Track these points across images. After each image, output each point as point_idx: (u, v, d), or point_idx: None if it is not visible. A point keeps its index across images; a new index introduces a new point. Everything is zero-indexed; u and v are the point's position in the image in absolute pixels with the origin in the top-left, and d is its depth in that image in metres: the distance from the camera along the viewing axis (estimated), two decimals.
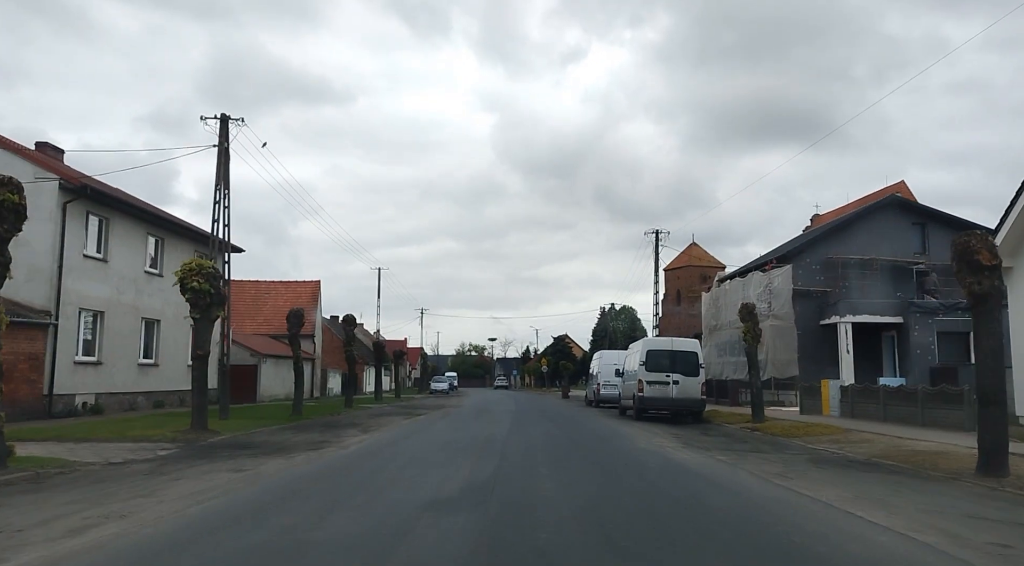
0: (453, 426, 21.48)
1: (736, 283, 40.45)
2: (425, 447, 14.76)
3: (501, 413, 29.70)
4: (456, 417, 26.80)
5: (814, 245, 36.76)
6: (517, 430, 19.47)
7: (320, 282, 50.08)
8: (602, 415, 28.95)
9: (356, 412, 29.90)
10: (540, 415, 28.50)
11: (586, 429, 20.87)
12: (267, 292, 48.74)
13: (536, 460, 12.05)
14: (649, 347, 24.85)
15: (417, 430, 20.03)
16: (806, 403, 28.00)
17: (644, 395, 24.22)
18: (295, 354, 26.76)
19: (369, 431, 19.41)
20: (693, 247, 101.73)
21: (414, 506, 7.55)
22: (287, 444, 15.57)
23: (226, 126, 22.26)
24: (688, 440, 16.76)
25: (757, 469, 11.42)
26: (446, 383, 69.47)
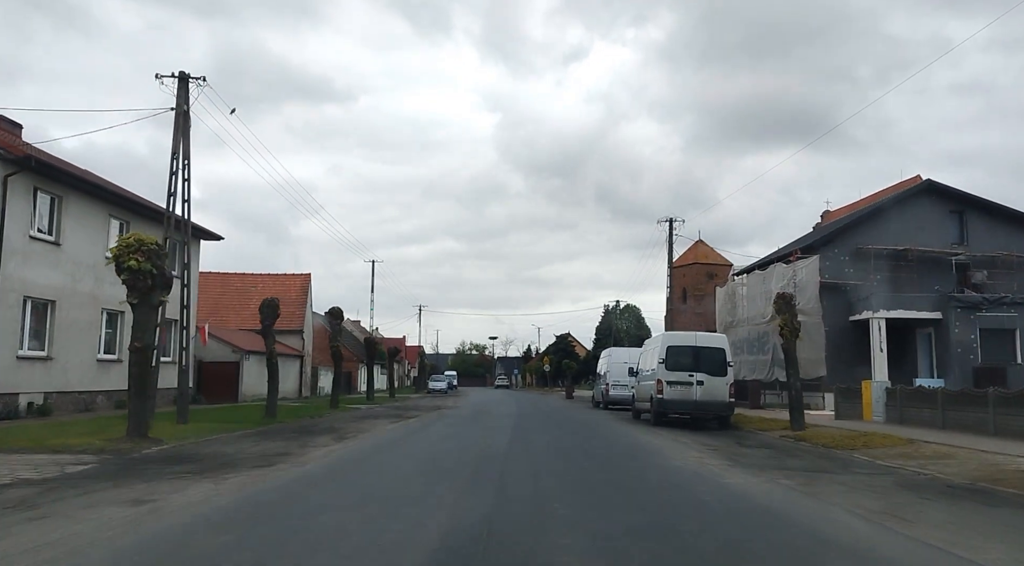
0: (444, 433, 18.39)
1: (755, 277, 37.33)
2: (402, 465, 11.65)
3: (501, 416, 26.62)
4: (450, 421, 23.72)
5: (843, 235, 33.62)
6: (520, 439, 16.36)
7: (310, 275, 47.16)
8: (614, 419, 25.84)
9: (340, 414, 26.81)
10: (545, 419, 25.42)
11: (602, 438, 17.73)
12: (254, 285, 45.64)
13: (548, 492, 8.86)
14: (670, 343, 21.73)
15: (401, 438, 16.92)
16: (842, 407, 24.87)
17: (664, 397, 21.12)
18: (268, 349, 23.80)
19: (345, 439, 16.30)
20: (699, 245, 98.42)
21: None
22: (236, 458, 12.47)
23: (186, 86, 19.18)
24: (730, 455, 13.62)
25: (849, 503, 8.31)
26: (444, 382, 66.25)
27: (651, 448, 14.59)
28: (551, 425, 22.06)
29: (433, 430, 19.42)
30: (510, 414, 28.01)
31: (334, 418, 24.33)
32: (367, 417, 25.15)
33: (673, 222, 34.42)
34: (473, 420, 24.13)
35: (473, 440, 16.15)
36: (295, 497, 8.37)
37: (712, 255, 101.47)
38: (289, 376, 42.50)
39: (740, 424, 21.62)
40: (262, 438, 16.40)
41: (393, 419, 24.18)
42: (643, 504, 8.08)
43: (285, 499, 8.20)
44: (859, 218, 34.64)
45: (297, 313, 44.78)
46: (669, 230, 34.32)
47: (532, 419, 24.97)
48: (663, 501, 8.20)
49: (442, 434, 18.01)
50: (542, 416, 27.19)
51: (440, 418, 25.40)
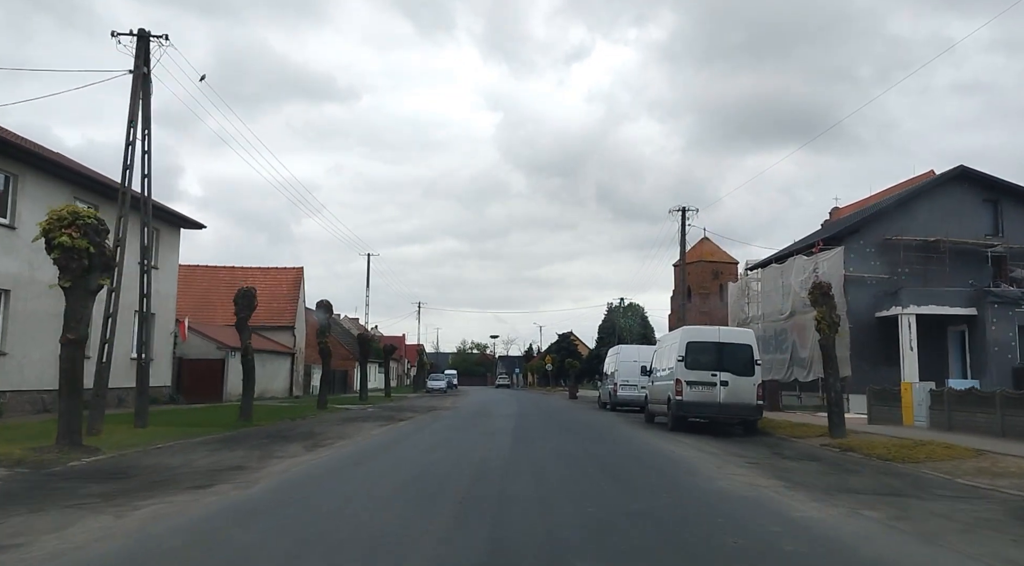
0: (436, 439, 16.00)
1: (772, 271, 34.90)
2: (376, 486, 9.24)
3: (502, 418, 24.27)
4: (445, 424, 21.36)
5: (868, 225, 31.18)
6: (523, 448, 13.97)
7: (302, 269, 44.71)
8: (625, 422, 23.46)
9: (325, 416, 24.43)
10: (549, 421, 23.06)
11: (619, 447, 15.30)
12: (243, 279, 43.21)
13: (564, 534, 6.40)
14: (690, 338, 19.32)
15: (385, 446, 14.53)
16: (877, 410, 22.48)
17: (683, 399, 18.72)
18: (243, 345, 21.45)
19: (319, 447, 13.93)
20: (704, 242, 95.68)
21: None
22: (175, 474, 10.10)
23: (146, 45, 16.77)
24: (777, 471, 11.20)
25: (984, 550, 5.93)
26: (444, 381, 63.77)
27: (681, 462, 12.15)
28: (556, 429, 19.70)
29: (424, 435, 17.04)
30: (511, 415, 25.66)
31: (317, 421, 21.96)
32: (354, 419, 22.79)
33: (686, 212, 32.11)
34: (470, 423, 21.78)
35: (468, 449, 13.77)
36: (207, 541, 5.96)
37: (718, 253, 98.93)
38: (279, 375, 40.19)
39: (770, 429, 19.23)
40: (223, 446, 14.03)
41: (382, 422, 21.82)
42: (703, 558, 5.67)
43: (191, 544, 5.81)
44: (886, 207, 32.19)
45: (288, 308, 42.44)
46: (682, 220, 32.01)
47: (535, 421, 22.62)
48: (734, 552, 5.77)
49: (433, 441, 15.62)
50: (546, 418, 24.83)
51: (434, 420, 23.03)
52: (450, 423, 21.72)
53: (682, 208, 32.43)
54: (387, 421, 22.24)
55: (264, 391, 38.12)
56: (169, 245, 29.40)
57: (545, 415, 27.11)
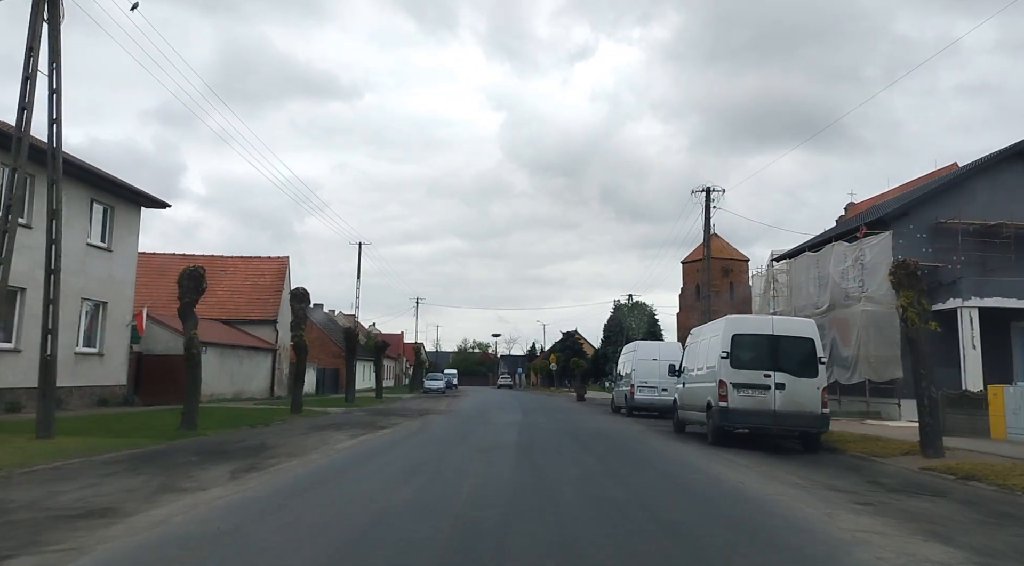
0: (414, 459, 12.13)
1: (805, 260, 31.04)
2: (285, 559, 5.41)
3: (502, 427, 20.46)
4: (433, 435, 17.55)
5: (918, 207, 27.30)
6: (530, 478, 10.10)
7: (288, 258, 40.90)
8: (651, 432, 19.64)
9: (294, 423, 20.60)
10: (560, 431, 19.23)
11: (663, 477, 11.38)
12: (222, 269, 39.52)
13: None
14: (736, 330, 15.44)
15: (340, 471, 10.65)
16: (953, 420, 18.60)
17: (729, 406, 14.88)
18: (187, 335, 17.70)
19: (252, 471, 10.10)
20: (714, 238, 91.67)
21: None
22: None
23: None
24: (931, 527, 7.26)
25: None
26: (442, 381, 59.80)
27: (766, 504, 8.20)
28: (570, 443, 15.85)
29: (400, 452, 13.20)
30: (514, 423, 21.85)
31: (279, 429, 18.14)
32: (326, 427, 18.97)
33: (711, 192, 28.26)
34: (464, 433, 17.97)
35: (453, 477, 9.94)
36: None
37: (727, 249, 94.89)
38: (258, 373, 36.40)
39: (832, 444, 15.39)
40: (127, 468, 10.22)
41: (358, 430, 18.00)
42: None
43: None
44: (938, 188, 28.27)
45: (271, 300, 38.63)
46: (706, 201, 28.09)
47: (542, 432, 18.79)
48: None
49: (409, 462, 11.78)
50: (554, 426, 21.01)
51: (422, 429, 19.21)
52: (439, 433, 17.90)
53: (706, 188, 28.62)
54: (364, 429, 18.43)
55: (240, 391, 34.37)
56: (126, 225, 25.62)
57: (553, 422, 23.30)
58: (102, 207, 24.38)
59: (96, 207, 24.05)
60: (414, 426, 20.17)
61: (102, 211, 24.48)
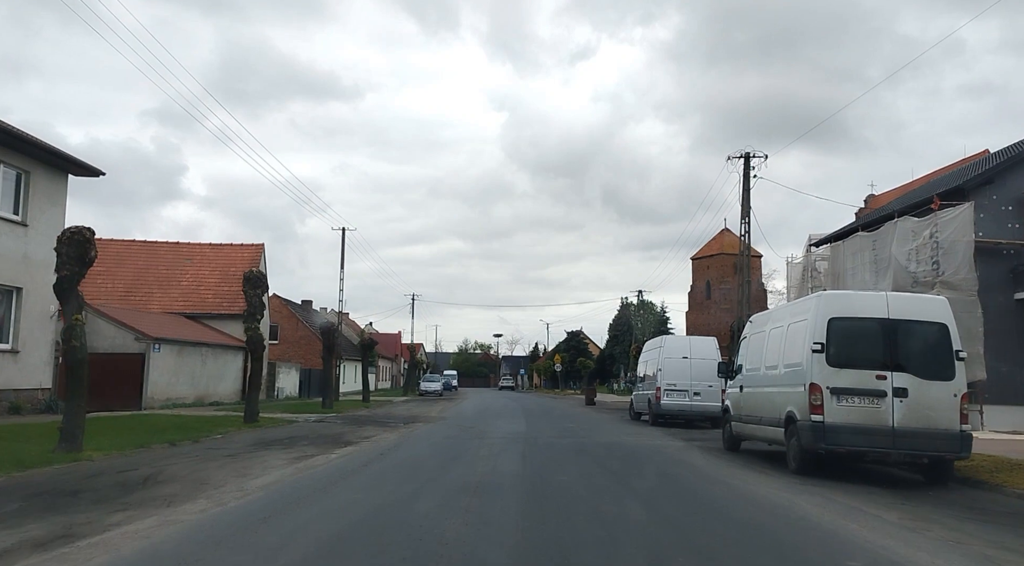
0: (364, 509, 7.45)
1: (858, 241, 26.30)
2: None
3: (502, 442, 15.83)
4: (408, 457, 12.94)
5: (1005, 175, 22.66)
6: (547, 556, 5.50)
7: (263, 245, 36.23)
8: (694, 450, 15.00)
9: (235, 438, 15.98)
10: (578, 450, 14.57)
11: (772, 544, 6.73)
12: (188, 257, 34.98)
13: None
14: (835, 313, 10.72)
15: (217, 542, 6.04)
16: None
17: (826, 421, 10.26)
18: (66, 322, 13.10)
19: (81, 537, 5.53)
20: (725, 233, 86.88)
21: None
22: None
23: None
24: None
25: None
26: (439, 383, 55.03)
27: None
28: (598, 472, 11.22)
29: (344, 497, 8.47)
30: (515, 437, 17.23)
31: (204, 449, 13.53)
32: (272, 444, 14.38)
33: (751, 158, 23.53)
34: (450, 453, 13.33)
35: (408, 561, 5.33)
36: None
37: (740, 245, 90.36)
38: (227, 374, 31.81)
39: (966, 474, 10.76)
40: None
41: (313, 450, 13.41)
42: None
43: None
44: (1020, 156, 23.63)
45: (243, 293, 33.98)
46: (744, 169, 23.33)
47: (554, 452, 14.14)
48: None
49: (354, 516, 7.14)
50: (569, 442, 16.35)
51: (397, 447, 14.59)
52: (416, 454, 13.25)
53: (744, 154, 23.96)
54: (321, 447, 13.85)
55: (205, 395, 29.78)
56: (47, 195, 21.03)
57: (565, 434, 18.68)
58: (14, 171, 19.83)
59: (5, 172, 19.51)
60: (388, 441, 15.56)
61: (14, 177, 19.93)
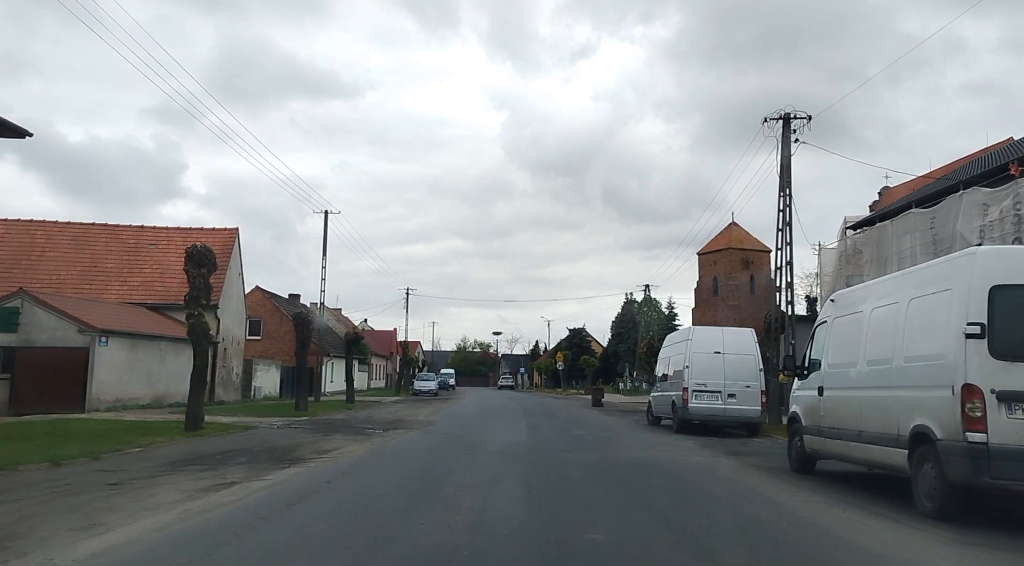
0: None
1: (911, 220, 22.68)
2: None
3: (499, 459, 12.17)
4: (370, 484, 9.32)
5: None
6: None
7: (237, 229, 32.58)
8: (754, 471, 11.30)
9: (158, 453, 12.31)
10: (603, 472, 10.88)
11: None
12: (153, 242, 31.30)
13: None
14: (1002, 278, 7.00)
15: None
16: None
17: (990, 442, 6.64)
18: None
19: None
20: (733, 227, 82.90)
21: None
22: None
23: None
24: None
25: None
26: (433, 382, 51.18)
27: None
28: (646, 515, 7.54)
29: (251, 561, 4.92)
30: (515, 451, 13.57)
31: (100, 468, 9.91)
32: (197, 461, 10.75)
33: (791, 119, 19.75)
34: (426, 479, 9.64)
35: None
36: None
37: (748, 239, 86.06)
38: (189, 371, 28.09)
39: None
40: None
41: (245, 472, 9.78)
42: None
43: None
44: None
45: (212, 280, 30.20)
46: (784, 131, 19.52)
47: (571, 477, 10.47)
48: None
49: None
50: (587, 459, 12.64)
51: (355, 470, 10.88)
52: (374, 485, 9.51)
53: (784, 115, 20.17)
54: (258, 469, 10.21)
55: (164, 395, 26.11)
56: None
57: (578, 446, 15.03)
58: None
59: None
60: (349, 460, 11.90)
61: None
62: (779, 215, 20.90)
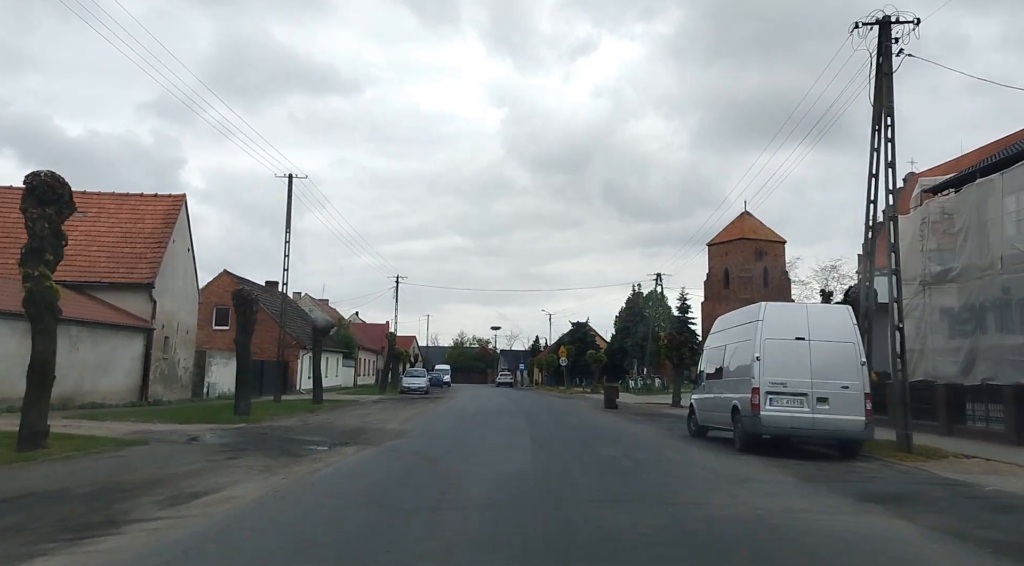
0: None
1: (1020, 175, 17.07)
2: None
3: (482, 527, 6.59)
4: None
5: None
6: None
7: (184, 196, 27.05)
8: (960, 553, 5.81)
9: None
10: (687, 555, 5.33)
11: None
12: (82, 211, 25.74)
13: None
14: None
15: None
16: None
17: None
18: None
19: None
20: (745, 217, 77.32)
21: None
22: None
23: None
24: None
25: None
26: (423, 379, 45.40)
27: None
28: None
29: None
30: (516, 500, 7.98)
31: None
32: None
33: (890, 24, 14.21)
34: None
35: None
36: None
37: (761, 229, 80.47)
38: (118, 364, 22.57)
39: None
40: None
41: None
42: None
43: None
44: None
45: (148, 256, 24.74)
46: (881, 42, 14.00)
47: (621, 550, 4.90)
48: None
49: None
50: (661, 527, 7.00)
51: (206, 541, 5.33)
52: None
53: (881, 19, 14.36)
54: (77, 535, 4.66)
55: (77, 393, 20.55)
56: None
57: (627, 488, 9.41)
58: None
59: None
60: (214, 521, 6.34)
61: None
62: (873, 156, 15.24)
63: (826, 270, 54.41)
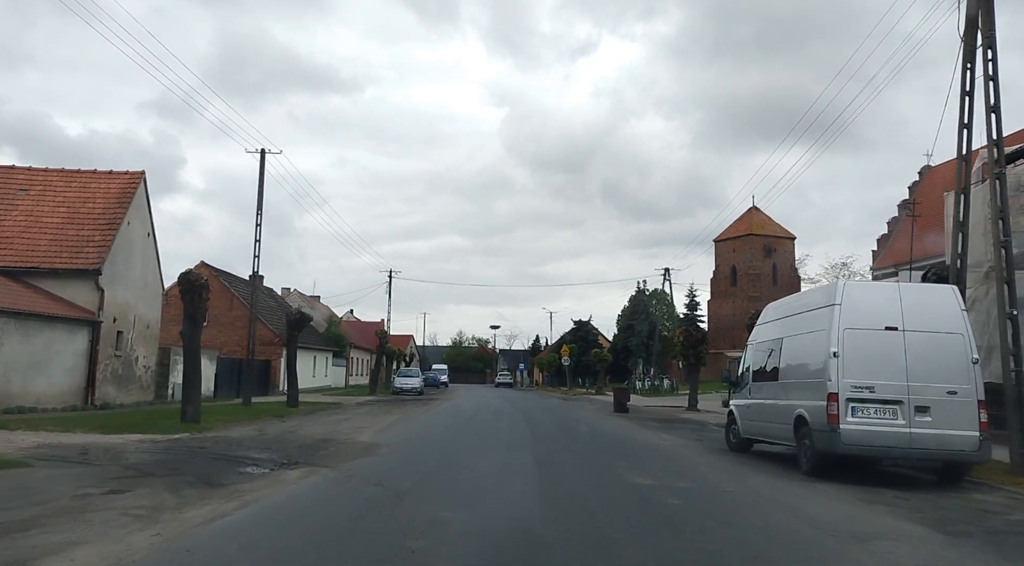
0: None
1: None
2: None
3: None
4: None
5: None
6: None
7: (144, 173, 23.88)
8: None
9: None
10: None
11: None
12: (23, 187, 22.58)
13: None
14: None
15: None
16: None
17: None
18: None
19: None
20: (753, 212, 74.07)
21: None
22: None
23: None
24: None
25: None
26: (416, 379, 42.15)
27: None
28: None
29: None
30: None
31: None
32: None
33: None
34: None
35: None
36: None
37: (770, 225, 77.06)
38: (58, 361, 19.33)
39: None
40: None
41: None
42: None
43: None
44: None
45: (97, 239, 21.52)
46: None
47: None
48: None
49: None
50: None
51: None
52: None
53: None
54: None
55: (5, 395, 17.35)
56: None
57: (696, 561, 6.19)
58: None
59: None
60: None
61: None
62: (964, 101, 12.12)
63: (836, 267, 51.31)
